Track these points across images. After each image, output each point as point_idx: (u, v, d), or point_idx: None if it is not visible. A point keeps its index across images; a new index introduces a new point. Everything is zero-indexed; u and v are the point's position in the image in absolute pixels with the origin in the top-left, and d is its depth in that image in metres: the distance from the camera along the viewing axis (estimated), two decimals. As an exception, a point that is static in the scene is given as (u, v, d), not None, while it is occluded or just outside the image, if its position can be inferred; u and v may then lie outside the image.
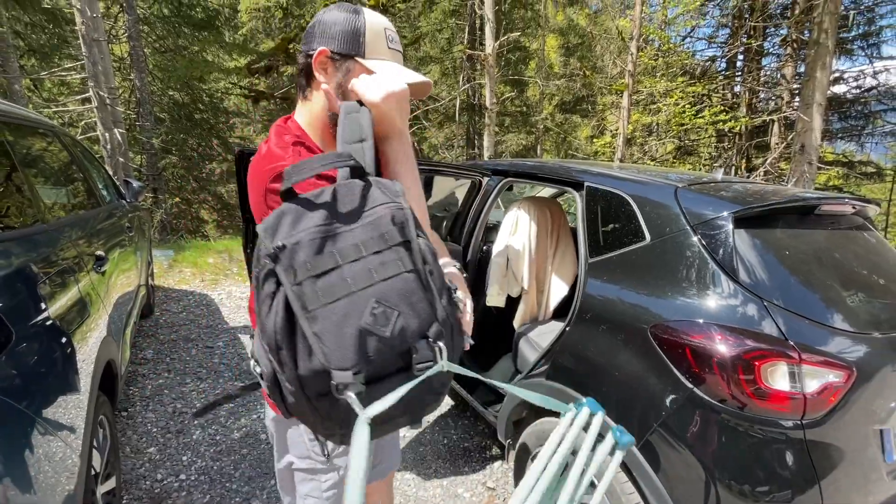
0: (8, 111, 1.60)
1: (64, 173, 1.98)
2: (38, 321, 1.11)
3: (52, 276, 1.27)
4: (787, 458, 1.14)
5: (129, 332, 2.29)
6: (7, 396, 0.93)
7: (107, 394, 1.63)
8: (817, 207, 1.43)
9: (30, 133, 1.79)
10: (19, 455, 0.92)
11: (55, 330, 1.18)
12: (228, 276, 5.18)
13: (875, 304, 1.31)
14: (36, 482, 0.95)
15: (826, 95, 7.86)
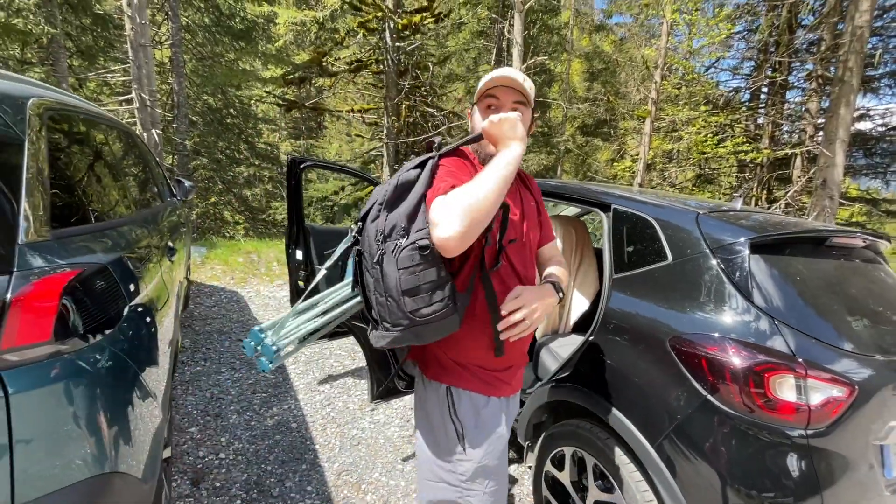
0: (102, 115, 1.82)
1: (140, 169, 2.21)
2: (138, 300, 1.30)
3: (145, 262, 1.46)
4: (792, 464, 1.25)
5: (180, 318, 2.49)
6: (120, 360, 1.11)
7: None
8: (829, 239, 1.55)
9: (115, 132, 2.02)
10: (126, 403, 1.09)
11: (148, 308, 1.36)
12: (256, 275, 5.41)
13: (878, 330, 1.42)
14: (135, 430, 1.12)
15: (849, 132, 7.89)
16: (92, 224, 1.34)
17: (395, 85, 11.57)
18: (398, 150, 12.72)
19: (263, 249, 5.97)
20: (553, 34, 14.69)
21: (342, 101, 16.18)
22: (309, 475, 2.12)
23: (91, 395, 0.96)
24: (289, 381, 3.00)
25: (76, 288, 0.96)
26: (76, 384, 0.93)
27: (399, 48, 11.27)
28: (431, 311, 0.96)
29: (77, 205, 1.29)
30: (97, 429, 0.97)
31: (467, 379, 1.14)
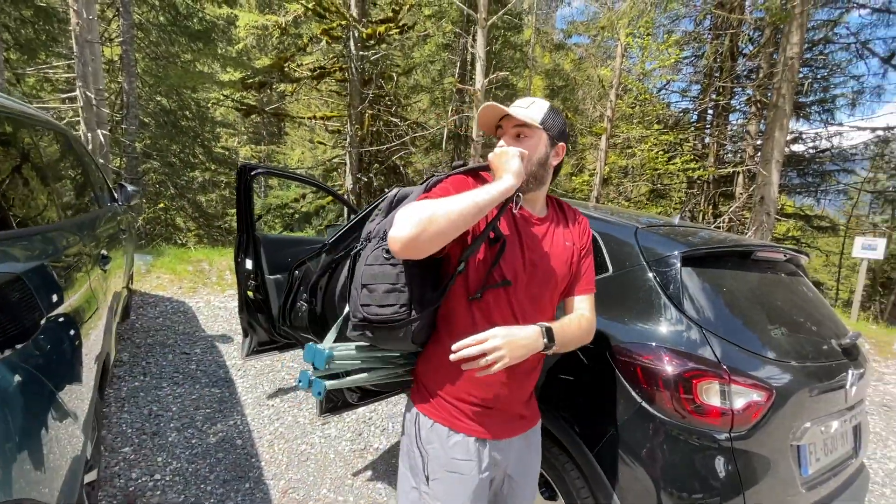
0: (32, 114, 1.71)
1: (75, 172, 2.07)
2: (58, 312, 1.21)
3: (71, 270, 1.37)
4: (717, 466, 1.32)
5: (114, 331, 2.34)
6: (33, 376, 1.03)
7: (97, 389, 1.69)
8: (754, 253, 1.67)
9: (46, 133, 1.89)
10: (39, 424, 1.02)
11: (71, 320, 1.27)
12: (207, 284, 5.18)
13: (795, 338, 1.53)
14: (48, 454, 1.04)
15: (783, 153, 8.55)
16: (12, 230, 1.25)
17: (359, 93, 11.51)
18: (361, 159, 12.62)
19: (215, 258, 5.74)
20: (516, 51, 15.12)
21: (305, 108, 15.93)
22: (252, 494, 2.03)
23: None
24: (236, 395, 2.88)
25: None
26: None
27: (364, 57, 11.25)
28: (380, 312, 1.01)
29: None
30: (3, 452, 0.89)
31: (438, 407, 1.08)
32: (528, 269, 1.08)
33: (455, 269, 1.04)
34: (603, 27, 11.01)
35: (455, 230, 0.93)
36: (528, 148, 1.07)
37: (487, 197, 0.94)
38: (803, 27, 7.91)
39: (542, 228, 1.13)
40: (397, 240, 0.91)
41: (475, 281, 1.05)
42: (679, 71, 13.11)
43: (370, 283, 1.03)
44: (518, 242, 1.08)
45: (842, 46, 12.30)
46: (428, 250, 0.93)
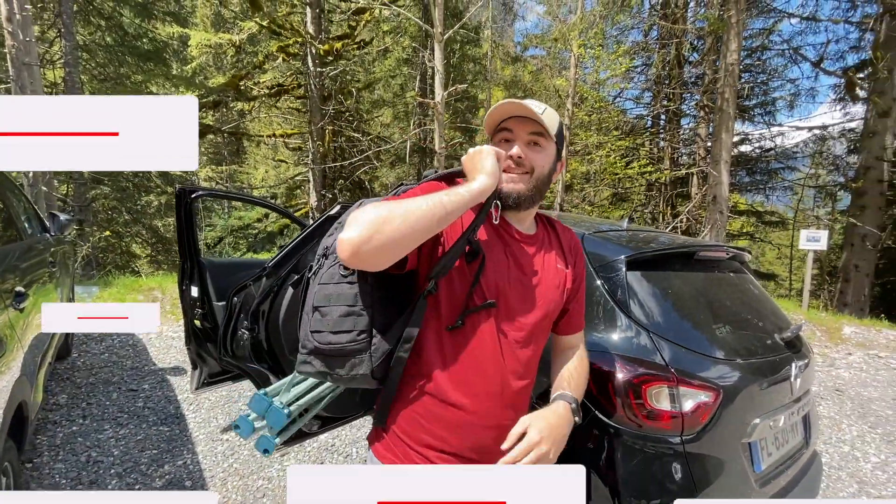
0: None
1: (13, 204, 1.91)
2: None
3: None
4: (672, 470, 1.30)
5: (42, 374, 2.16)
6: None
7: (14, 439, 1.53)
8: (697, 253, 1.69)
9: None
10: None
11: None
12: (160, 314, 4.91)
13: (739, 335, 1.56)
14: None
15: (731, 154, 8.97)
16: None
17: (320, 110, 11.39)
18: (325, 175, 12.45)
19: (168, 285, 5.46)
20: (475, 63, 15.39)
21: (264, 126, 15.63)
22: (200, 540, 1.88)
23: None
24: (187, 431, 2.70)
25: None
26: None
27: (322, 73, 11.16)
28: (334, 339, 0.85)
29: None
30: None
31: (397, 454, 0.92)
32: (514, 290, 0.94)
33: (423, 290, 0.89)
34: (556, 39, 11.36)
35: (416, 235, 0.78)
36: (542, 160, 0.95)
37: (457, 198, 0.81)
38: (740, 35, 8.39)
39: (532, 248, 1.00)
40: (345, 242, 0.75)
41: (449, 304, 0.90)
42: (631, 79, 13.65)
43: (323, 305, 0.86)
44: (503, 258, 0.94)
45: (777, 52, 13.14)
46: (384, 258, 0.78)
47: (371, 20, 10.91)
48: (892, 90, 8.91)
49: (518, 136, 0.95)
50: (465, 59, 14.52)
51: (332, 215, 1.73)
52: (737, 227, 16.00)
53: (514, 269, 0.95)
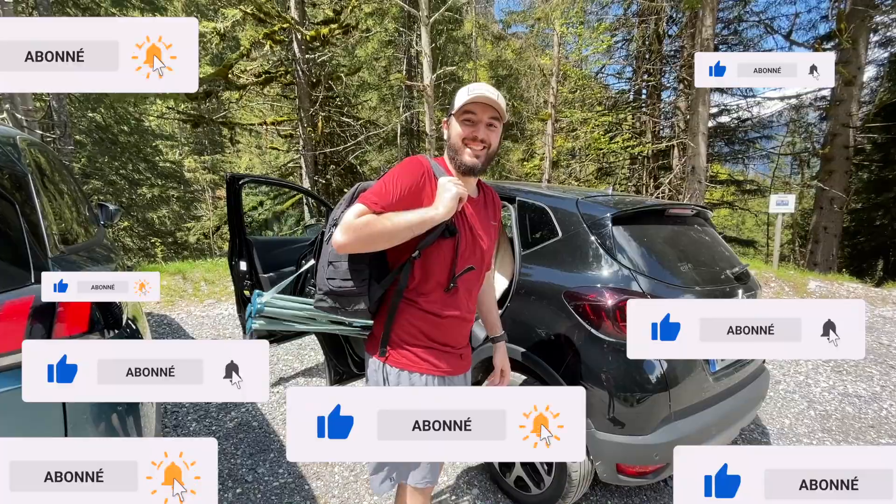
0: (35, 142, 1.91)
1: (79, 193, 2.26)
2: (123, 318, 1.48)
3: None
4: (649, 370, 1.77)
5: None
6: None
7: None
8: (667, 210, 2.14)
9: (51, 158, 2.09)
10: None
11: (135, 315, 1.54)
12: (184, 297, 5.27)
13: (698, 271, 2.02)
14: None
15: (708, 126, 9.44)
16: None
17: (308, 96, 11.53)
18: (316, 162, 12.64)
19: (189, 270, 5.80)
20: (459, 44, 15.51)
21: (250, 114, 15.64)
22: (279, 460, 2.33)
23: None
24: (241, 388, 3.12)
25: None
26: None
27: (309, 59, 11.26)
28: (343, 285, 1.22)
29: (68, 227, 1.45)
30: (127, 406, 1.18)
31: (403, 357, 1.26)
32: (476, 252, 1.31)
33: (409, 256, 1.22)
34: (538, 18, 11.58)
35: (387, 243, 1.15)
36: (496, 138, 1.26)
37: (418, 221, 1.13)
38: (714, 11, 8.76)
39: (477, 209, 1.34)
40: (336, 243, 1.13)
41: (438, 266, 1.24)
42: (612, 55, 13.97)
43: (335, 260, 1.23)
44: (465, 228, 1.28)
45: (752, 24, 13.53)
46: (364, 252, 1.17)
47: (356, 5, 10.98)
48: (856, 60, 9.42)
49: (480, 119, 1.23)
50: (450, 40, 14.63)
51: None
52: (718, 195, 16.60)
53: (471, 233, 1.29)
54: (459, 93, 1.25)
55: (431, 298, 1.27)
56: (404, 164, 1.23)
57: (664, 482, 2.29)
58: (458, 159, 1.26)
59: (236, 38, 14.39)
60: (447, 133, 1.30)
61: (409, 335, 1.27)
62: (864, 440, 2.77)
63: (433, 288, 1.27)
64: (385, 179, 1.20)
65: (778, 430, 2.88)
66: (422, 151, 16.12)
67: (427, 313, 1.27)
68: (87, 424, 1.08)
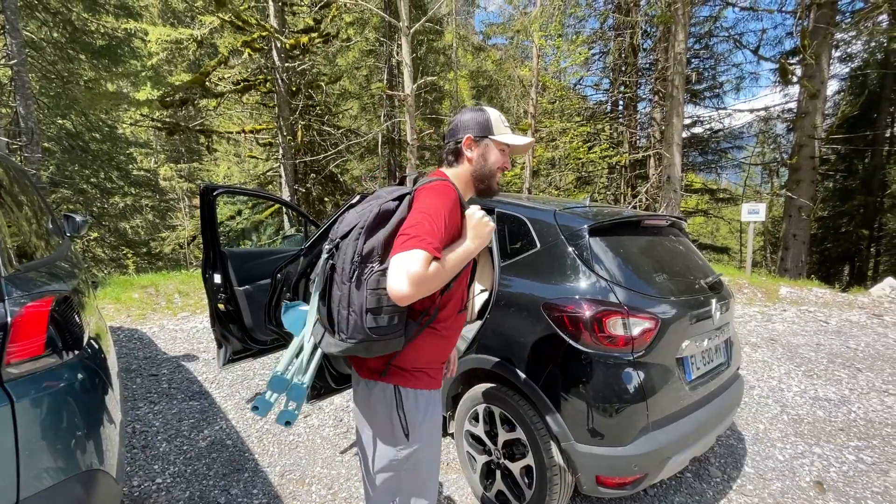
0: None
1: (41, 204, 2.16)
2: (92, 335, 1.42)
3: (83, 295, 1.55)
4: (627, 380, 1.78)
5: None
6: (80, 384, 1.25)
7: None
8: (642, 221, 2.17)
9: (9, 171, 2.00)
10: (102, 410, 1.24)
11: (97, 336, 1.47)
12: (157, 310, 5.11)
13: (673, 281, 2.05)
14: (109, 431, 1.27)
15: (682, 137, 9.72)
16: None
17: (288, 104, 11.44)
18: (296, 171, 12.52)
19: (162, 282, 5.63)
20: (440, 55, 15.65)
21: (229, 122, 15.43)
22: (253, 480, 2.25)
23: (77, 400, 1.12)
24: (216, 404, 3.03)
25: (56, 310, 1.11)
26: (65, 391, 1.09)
27: (289, 68, 11.19)
28: (388, 330, 1.11)
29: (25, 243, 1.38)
30: (86, 430, 1.13)
31: (417, 378, 1.25)
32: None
33: (442, 289, 1.18)
34: (518, 31, 11.78)
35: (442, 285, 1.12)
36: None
37: (464, 258, 1.14)
38: (686, 26, 9.06)
39: None
40: (401, 296, 1.01)
41: (456, 293, 1.26)
42: (590, 67, 14.30)
43: (375, 307, 1.08)
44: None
45: (722, 39, 14.05)
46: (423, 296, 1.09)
47: (337, 14, 10.99)
48: (819, 74, 9.85)
49: (509, 157, 1.35)
50: (431, 50, 14.75)
51: (353, 204, 2.10)
52: (693, 204, 17.07)
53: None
54: (493, 118, 1.29)
55: (449, 323, 1.29)
56: (442, 195, 1.16)
57: (644, 491, 2.30)
58: (488, 183, 1.30)
59: (214, 45, 14.24)
60: (477, 154, 1.29)
61: (423, 358, 1.26)
62: (834, 443, 2.85)
63: (451, 312, 1.28)
64: (431, 215, 1.10)
65: (753, 435, 2.93)
66: (404, 161, 16.12)
67: (444, 337, 1.29)
68: (41, 452, 1.02)
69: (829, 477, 2.49)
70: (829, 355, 4.38)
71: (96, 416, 1.21)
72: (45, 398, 1.04)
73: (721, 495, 2.30)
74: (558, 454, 1.84)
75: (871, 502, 2.28)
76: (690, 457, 1.95)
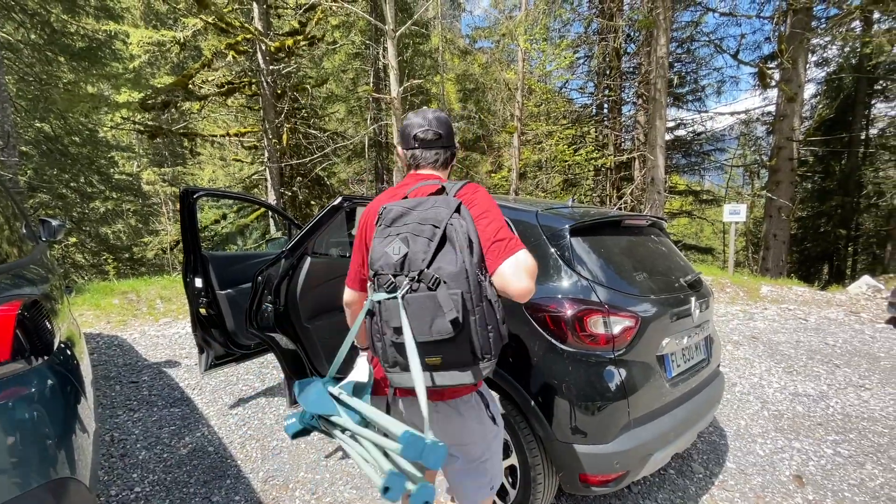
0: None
1: (14, 209, 2.11)
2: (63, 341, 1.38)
3: (54, 301, 1.51)
4: (608, 378, 1.79)
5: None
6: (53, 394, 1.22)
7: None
8: (623, 221, 2.20)
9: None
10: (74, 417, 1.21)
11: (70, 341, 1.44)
12: (138, 315, 5.01)
13: (654, 280, 2.08)
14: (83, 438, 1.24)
15: (665, 139, 9.87)
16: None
17: (273, 107, 11.35)
18: (282, 174, 12.42)
19: (143, 287, 5.52)
20: (426, 58, 15.68)
21: (213, 125, 15.24)
22: (235, 487, 2.22)
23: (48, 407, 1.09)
24: (197, 411, 2.98)
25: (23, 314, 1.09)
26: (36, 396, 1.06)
27: (274, 70, 11.11)
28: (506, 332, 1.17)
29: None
30: (56, 438, 1.10)
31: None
32: None
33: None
34: (503, 34, 11.87)
35: None
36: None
37: None
38: (668, 31, 9.22)
39: None
40: (529, 294, 1.12)
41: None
42: (575, 71, 14.46)
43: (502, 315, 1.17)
44: None
45: (704, 43, 14.34)
46: None
47: (322, 17, 10.95)
48: (797, 78, 10.11)
49: None
50: (417, 53, 14.78)
51: (335, 206, 2.09)
52: (677, 205, 17.35)
53: None
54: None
55: None
56: (490, 198, 1.28)
57: (627, 488, 2.31)
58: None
59: (198, 47, 14.08)
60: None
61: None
62: (813, 438, 2.91)
63: None
64: (501, 218, 1.22)
65: (735, 431, 2.98)
66: (390, 164, 16.10)
67: None
68: (7, 459, 0.99)
69: (807, 470, 2.53)
70: (809, 352, 4.48)
71: (68, 423, 1.18)
72: (14, 405, 1.01)
73: (703, 491, 2.33)
74: (542, 453, 1.85)
75: (848, 494, 2.33)
76: (672, 453, 1.97)
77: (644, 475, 1.95)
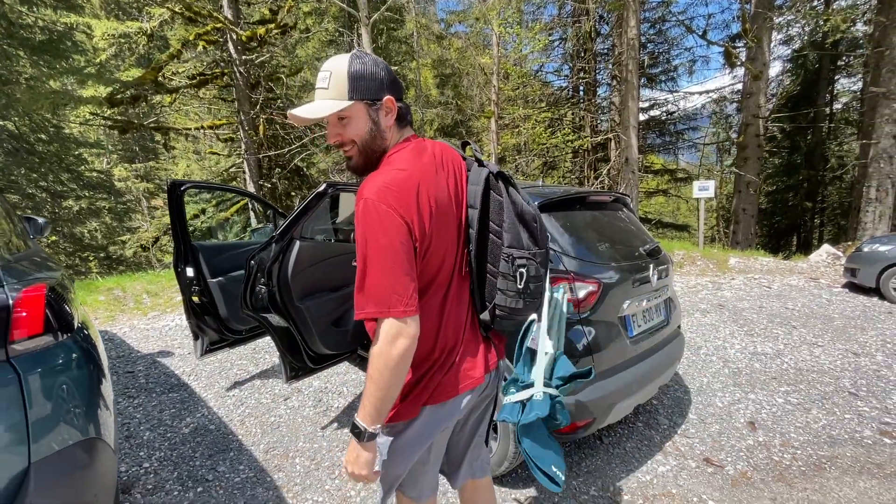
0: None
1: (6, 205, 2.18)
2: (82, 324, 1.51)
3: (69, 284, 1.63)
4: (576, 337, 2.00)
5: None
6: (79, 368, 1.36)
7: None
8: (588, 197, 2.40)
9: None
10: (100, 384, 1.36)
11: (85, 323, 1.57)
12: (125, 311, 5.06)
13: (614, 249, 2.29)
14: (107, 403, 1.38)
15: (638, 120, 10.13)
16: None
17: (248, 98, 11.21)
18: (260, 165, 12.32)
19: (128, 283, 5.55)
20: (401, 44, 15.57)
21: (185, 118, 14.93)
22: (238, 458, 2.38)
23: (77, 375, 1.23)
24: (195, 395, 3.11)
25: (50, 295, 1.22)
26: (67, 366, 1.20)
27: (247, 60, 10.94)
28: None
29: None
30: (86, 403, 1.24)
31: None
32: None
33: None
34: (477, 18, 11.88)
35: None
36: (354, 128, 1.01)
37: None
38: (637, 13, 9.40)
39: None
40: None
41: None
42: (550, 54, 14.59)
43: None
44: None
45: (674, 24, 14.58)
46: None
47: (294, 5, 10.79)
48: (762, 56, 10.44)
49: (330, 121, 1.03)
50: (392, 39, 14.67)
51: (320, 192, 2.23)
52: (654, 185, 17.77)
53: None
54: None
55: None
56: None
57: (598, 439, 2.56)
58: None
59: (165, 38, 13.70)
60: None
61: None
62: (767, 390, 3.21)
63: None
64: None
65: (697, 387, 3.26)
66: (370, 151, 16.00)
67: None
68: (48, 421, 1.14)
69: (760, 417, 2.82)
70: (769, 316, 4.82)
71: (94, 391, 1.32)
72: (48, 373, 1.15)
73: (667, 439, 2.59)
74: (519, 407, 2.06)
75: (794, 435, 2.62)
76: (634, 404, 2.20)
77: (609, 423, 2.18)
